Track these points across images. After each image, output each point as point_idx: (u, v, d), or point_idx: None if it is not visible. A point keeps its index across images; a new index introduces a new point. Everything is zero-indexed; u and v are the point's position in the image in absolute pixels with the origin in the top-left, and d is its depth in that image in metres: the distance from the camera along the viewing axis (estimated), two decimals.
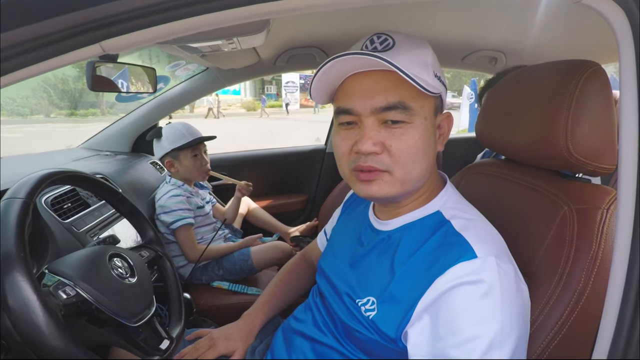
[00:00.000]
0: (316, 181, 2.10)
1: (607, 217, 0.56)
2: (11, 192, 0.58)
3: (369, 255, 0.66)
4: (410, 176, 0.57)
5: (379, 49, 0.56)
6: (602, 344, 0.42)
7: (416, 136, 0.55)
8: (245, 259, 1.43)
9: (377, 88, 0.54)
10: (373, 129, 0.55)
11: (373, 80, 0.55)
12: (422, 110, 0.56)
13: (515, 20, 1.18)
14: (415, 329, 0.53)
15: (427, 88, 0.52)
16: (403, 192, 0.59)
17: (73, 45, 0.36)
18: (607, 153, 0.60)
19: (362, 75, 0.56)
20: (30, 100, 17.36)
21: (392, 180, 0.57)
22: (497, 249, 0.54)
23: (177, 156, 1.42)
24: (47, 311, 0.50)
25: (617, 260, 0.42)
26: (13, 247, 0.51)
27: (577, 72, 0.58)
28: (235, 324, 0.84)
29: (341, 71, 0.56)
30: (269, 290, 0.90)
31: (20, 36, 0.33)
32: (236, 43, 0.91)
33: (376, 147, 0.55)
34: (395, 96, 0.54)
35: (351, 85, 0.57)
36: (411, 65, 0.53)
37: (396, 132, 0.55)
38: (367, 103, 0.55)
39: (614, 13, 0.41)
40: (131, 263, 0.71)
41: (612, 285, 0.42)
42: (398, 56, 0.54)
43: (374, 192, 0.58)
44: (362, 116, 0.56)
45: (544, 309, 0.56)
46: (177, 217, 1.35)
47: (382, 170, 0.56)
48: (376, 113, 0.55)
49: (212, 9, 0.37)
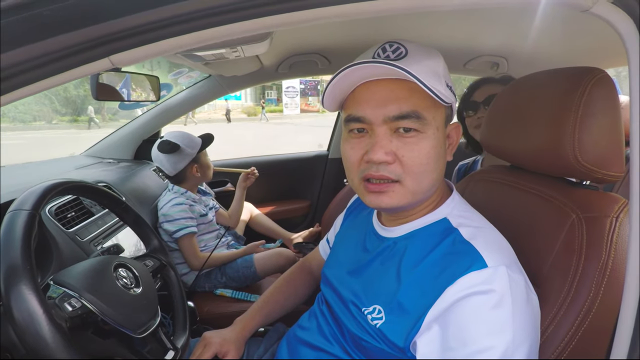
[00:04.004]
0: (319, 187, 2.10)
1: (616, 226, 0.56)
2: (17, 204, 0.58)
3: (373, 263, 0.65)
4: (421, 186, 0.57)
5: (391, 58, 0.56)
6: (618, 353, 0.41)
7: (428, 146, 0.55)
8: (249, 266, 1.42)
9: (391, 97, 0.54)
10: (385, 138, 0.55)
11: (387, 89, 0.55)
12: (434, 120, 0.56)
13: (518, 26, 1.18)
14: (425, 339, 0.52)
15: (442, 97, 0.53)
16: (413, 202, 0.59)
17: (83, 60, 0.36)
18: (615, 161, 0.59)
19: (374, 83, 0.56)
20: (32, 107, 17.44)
21: (403, 191, 0.57)
22: (508, 259, 0.53)
23: (198, 159, 1.47)
24: (52, 324, 0.50)
25: (631, 268, 0.42)
26: (19, 259, 0.51)
27: (584, 79, 0.58)
28: (228, 328, 0.83)
29: (354, 79, 0.56)
30: (263, 297, 0.90)
31: (33, 51, 0.34)
32: (240, 51, 0.92)
33: (388, 156, 0.55)
34: (408, 105, 0.54)
35: (363, 93, 0.57)
36: (425, 75, 0.53)
37: (408, 142, 0.55)
38: (380, 112, 0.55)
39: (622, 22, 0.41)
40: (136, 273, 0.70)
41: (626, 295, 0.41)
42: (411, 65, 0.54)
43: (385, 203, 0.57)
44: (374, 125, 0.56)
45: (554, 319, 0.55)
46: (180, 226, 1.35)
47: (393, 180, 0.56)
48: (388, 122, 0.55)
49: (223, 22, 0.37)
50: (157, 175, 1.66)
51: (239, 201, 1.68)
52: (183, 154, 1.42)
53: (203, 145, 1.48)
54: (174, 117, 1.73)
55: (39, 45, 0.33)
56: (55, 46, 0.34)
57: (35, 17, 0.32)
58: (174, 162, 1.42)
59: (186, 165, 1.43)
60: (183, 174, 1.45)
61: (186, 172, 1.45)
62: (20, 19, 0.32)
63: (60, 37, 0.34)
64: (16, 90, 0.34)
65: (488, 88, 1.22)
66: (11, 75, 0.33)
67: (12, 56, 0.32)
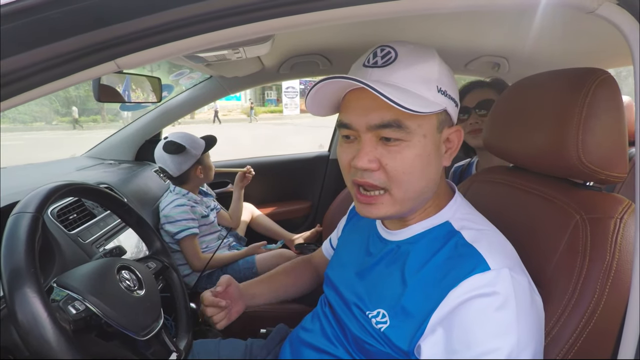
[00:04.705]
0: (320, 188, 2.10)
1: (620, 227, 0.55)
2: (20, 206, 0.58)
3: (377, 266, 0.65)
4: (408, 195, 0.57)
5: (379, 64, 0.56)
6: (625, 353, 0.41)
7: (411, 155, 0.55)
8: (250, 267, 1.42)
9: (373, 105, 0.54)
10: (370, 145, 0.55)
11: (369, 97, 0.53)
12: (420, 128, 0.55)
13: (519, 26, 1.18)
14: (429, 343, 0.52)
15: (417, 109, 0.50)
16: (404, 211, 0.59)
17: (89, 63, 0.36)
18: (618, 161, 0.59)
19: (359, 90, 0.55)
20: (32, 108, 17.45)
21: (391, 201, 0.57)
22: (511, 261, 0.53)
23: (202, 161, 1.48)
24: (57, 327, 0.49)
25: (637, 269, 0.42)
26: (23, 262, 0.51)
27: (587, 80, 0.58)
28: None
29: (338, 87, 0.56)
30: (267, 273, 0.92)
31: (41, 54, 0.34)
32: (242, 52, 0.92)
33: (372, 164, 0.55)
34: (390, 114, 0.53)
35: (351, 100, 0.57)
36: (411, 81, 0.53)
37: (392, 150, 0.55)
38: (363, 120, 0.55)
39: (628, 24, 0.41)
40: (139, 275, 0.70)
41: (633, 295, 0.41)
42: (397, 72, 0.54)
43: (373, 214, 0.59)
44: (360, 132, 0.56)
45: (558, 321, 0.55)
46: (181, 228, 1.36)
47: (380, 189, 0.57)
48: (372, 130, 0.55)
49: (228, 25, 0.37)
50: (159, 176, 1.66)
51: (237, 201, 1.68)
52: (188, 155, 1.42)
53: (207, 147, 1.49)
54: (175, 118, 1.73)
55: (47, 49, 0.33)
56: (62, 49, 0.34)
57: (44, 21, 0.32)
58: (178, 162, 1.42)
59: (190, 167, 1.44)
60: (187, 175, 1.45)
61: (190, 173, 1.45)
62: (28, 22, 0.32)
63: (68, 41, 0.34)
64: (22, 94, 0.34)
65: (479, 93, 1.22)
66: (19, 79, 0.33)
67: (20, 59, 0.32)
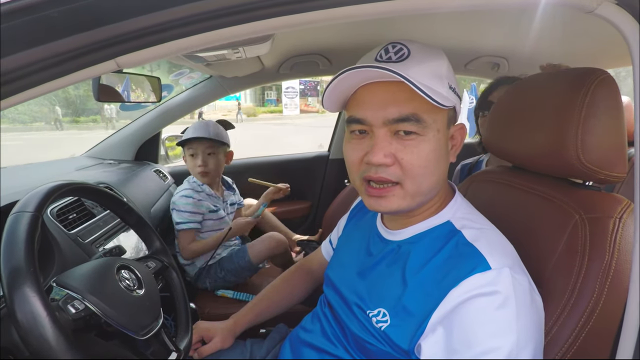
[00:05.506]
0: (319, 188, 2.10)
1: (619, 226, 0.56)
2: (20, 206, 0.57)
3: (378, 266, 0.65)
4: (421, 189, 0.57)
5: (393, 59, 0.56)
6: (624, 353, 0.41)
7: (427, 149, 0.55)
8: (243, 256, 1.44)
9: (391, 99, 0.54)
10: (385, 140, 0.55)
11: (387, 91, 0.54)
12: (435, 123, 0.56)
13: (518, 26, 1.18)
14: (429, 342, 0.52)
15: (440, 101, 0.52)
16: (413, 205, 0.59)
17: (89, 62, 0.36)
18: (618, 161, 0.59)
19: (375, 85, 0.56)
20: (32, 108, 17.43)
21: (402, 194, 0.57)
22: (511, 260, 0.53)
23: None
24: (56, 326, 0.49)
25: (636, 269, 0.42)
26: (23, 262, 0.51)
27: (587, 80, 0.58)
28: (221, 321, 0.88)
29: (354, 81, 0.56)
30: (259, 295, 0.93)
31: (41, 53, 0.34)
32: (242, 52, 0.92)
33: (387, 158, 0.55)
34: (408, 108, 0.54)
35: (364, 95, 0.57)
36: (426, 77, 0.53)
37: (408, 144, 0.55)
38: (380, 114, 0.55)
39: (627, 23, 0.41)
40: (139, 275, 0.70)
41: (632, 295, 0.41)
42: (412, 67, 0.54)
43: (384, 207, 0.58)
44: (374, 127, 0.56)
45: (557, 320, 0.55)
46: (182, 219, 1.39)
47: (393, 183, 0.56)
48: (388, 124, 0.55)
49: (228, 24, 0.37)
50: (158, 176, 1.66)
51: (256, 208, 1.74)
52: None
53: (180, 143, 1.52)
54: (174, 118, 1.73)
55: (47, 47, 0.33)
56: (62, 48, 0.34)
57: (44, 19, 0.32)
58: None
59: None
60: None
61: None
62: (28, 20, 0.32)
63: (68, 39, 0.34)
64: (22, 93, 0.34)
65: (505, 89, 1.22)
66: (19, 77, 0.33)
67: (20, 58, 0.32)
